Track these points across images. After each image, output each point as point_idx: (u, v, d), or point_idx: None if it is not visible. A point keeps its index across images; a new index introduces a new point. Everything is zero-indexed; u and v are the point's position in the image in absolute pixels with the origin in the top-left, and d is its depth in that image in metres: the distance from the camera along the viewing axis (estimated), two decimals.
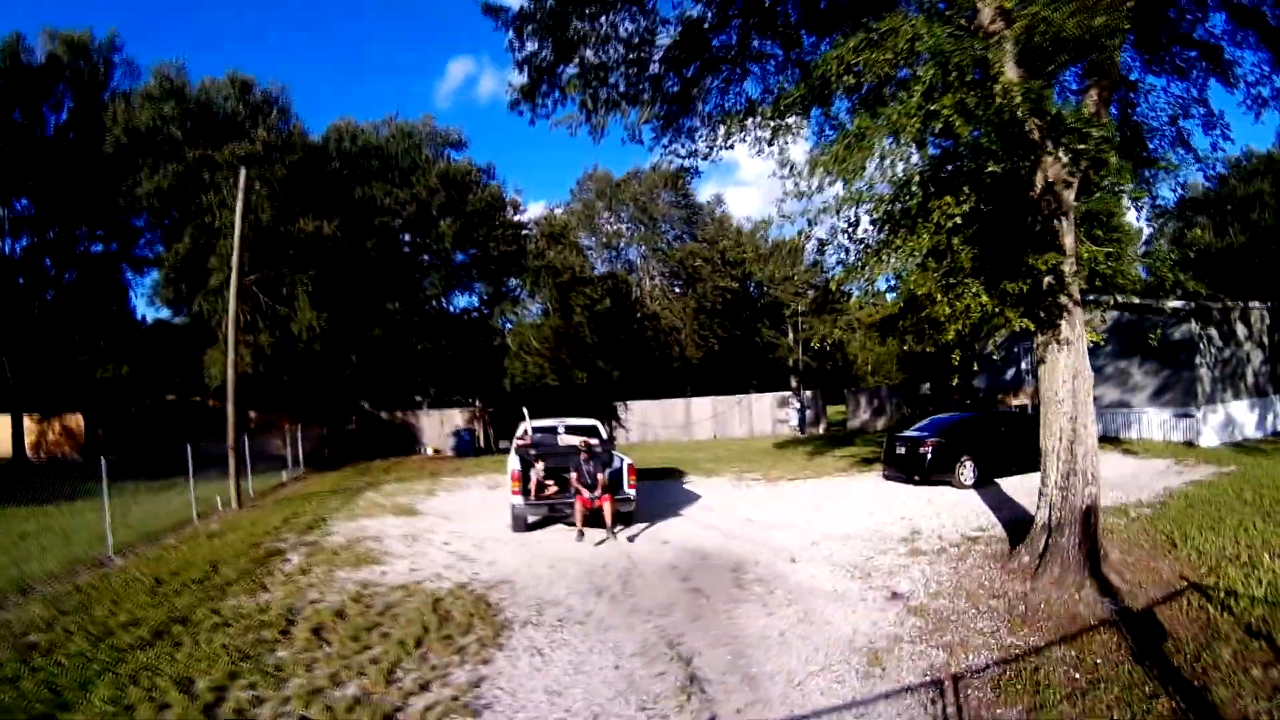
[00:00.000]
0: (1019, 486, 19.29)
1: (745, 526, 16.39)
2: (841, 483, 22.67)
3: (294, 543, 16.10)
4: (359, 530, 17.54)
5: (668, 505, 19.45)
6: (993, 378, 34.45)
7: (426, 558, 14.55)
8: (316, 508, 21.05)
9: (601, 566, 13.39)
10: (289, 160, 33.06)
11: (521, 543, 15.74)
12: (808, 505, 18.87)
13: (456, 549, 15.27)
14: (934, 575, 11.95)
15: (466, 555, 14.66)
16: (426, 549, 15.37)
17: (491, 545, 15.53)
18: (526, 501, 16.23)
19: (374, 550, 15.21)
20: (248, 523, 18.61)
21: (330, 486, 26.12)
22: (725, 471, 26.55)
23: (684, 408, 44.85)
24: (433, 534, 16.91)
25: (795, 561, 13.13)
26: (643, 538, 15.72)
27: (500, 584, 12.42)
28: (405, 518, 19.30)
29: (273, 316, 32.34)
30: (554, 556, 14.29)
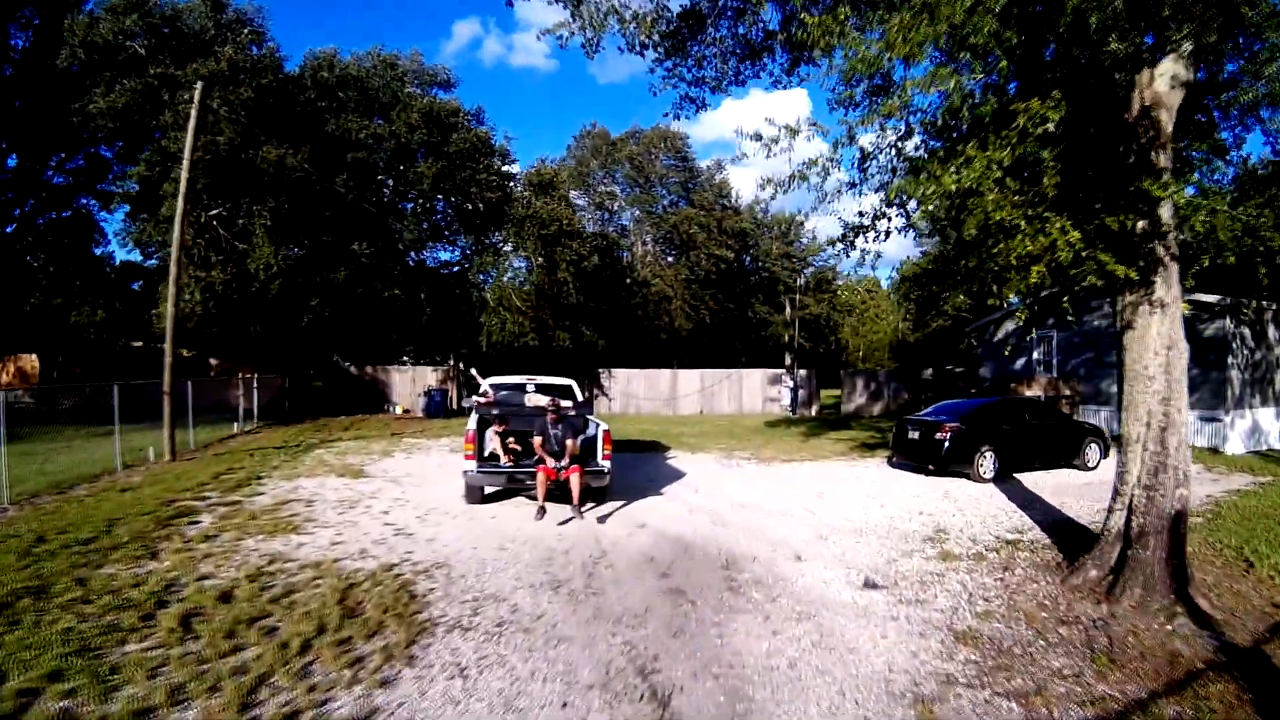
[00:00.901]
0: (1043, 483, 17.68)
1: (737, 512, 13.97)
2: (843, 468, 20.29)
3: (214, 502, 14.17)
4: (292, 491, 15.55)
5: (647, 482, 17.17)
6: (1000, 366, 32.25)
7: (357, 529, 12.35)
8: (256, 463, 19.28)
9: (563, 552, 10.98)
10: (258, 84, 30.48)
11: (472, 517, 13.43)
12: (808, 491, 16.46)
13: (395, 520, 13.09)
14: (977, 588, 9.53)
15: (405, 529, 12.45)
16: (360, 518, 13.20)
17: (437, 518, 13.31)
18: (481, 468, 13.78)
19: (299, 516, 13.15)
20: (173, 476, 16.79)
21: (281, 441, 24.33)
22: (712, 448, 24.18)
23: (670, 379, 42.35)
24: (374, 500, 14.82)
25: (801, 560, 10.68)
26: (616, 519, 13.31)
27: (435, 568, 10.08)
28: (349, 479, 17.24)
29: (230, 252, 30.11)
30: (508, 536, 11.95)
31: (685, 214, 55.20)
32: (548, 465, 13.11)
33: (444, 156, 35.73)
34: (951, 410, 19.57)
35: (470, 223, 39.04)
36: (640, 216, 56.32)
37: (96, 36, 30.14)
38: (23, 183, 37.92)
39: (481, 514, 13.58)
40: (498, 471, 13.78)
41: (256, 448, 22.48)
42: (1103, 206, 8.67)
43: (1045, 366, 30.49)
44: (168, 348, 20.78)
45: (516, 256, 39.44)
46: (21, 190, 38.10)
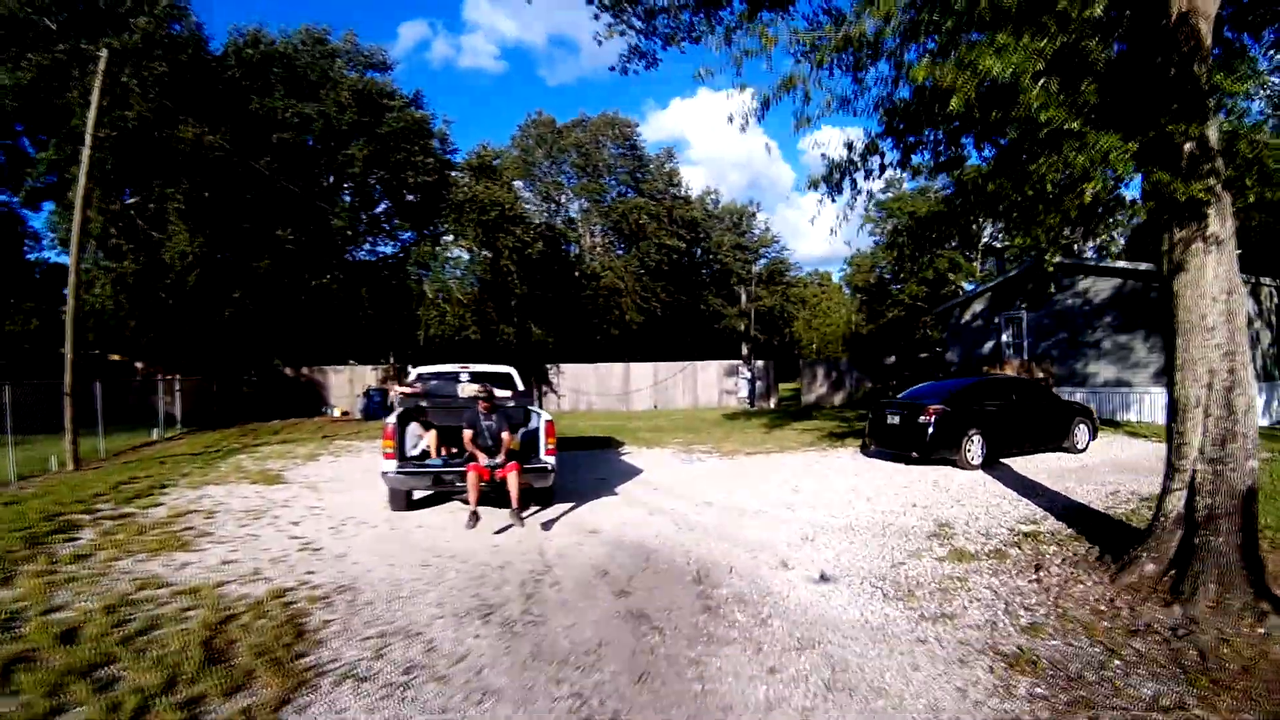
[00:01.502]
0: (1035, 468, 16.32)
1: (704, 512, 12.12)
2: (815, 459, 18.54)
3: (104, 515, 12.32)
4: (195, 501, 13.62)
5: (599, 481, 15.30)
6: (967, 350, 30.93)
7: (256, 544, 10.39)
8: (165, 471, 17.24)
9: (498, 568, 9.04)
10: (175, 59, 28.32)
11: (395, 527, 11.49)
12: (782, 485, 14.68)
13: (304, 533, 11.10)
14: (1011, 594, 7.76)
15: (313, 543, 10.47)
16: (265, 531, 11.27)
17: (353, 529, 11.36)
18: (402, 468, 11.72)
19: (193, 530, 11.20)
20: (69, 487, 14.92)
21: (201, 447, 22.26)
22: (669, 442, 22.36)
23: (622, 374, 40.56)
24: (286, 509, 12.92)
25: (789, 567, 8.83)
26: (563, 525, 11.40)
27: (337, 593, 8.11)
28: (264, 486, 15.32)
29: (145, 242, 28.07)
30: (433, 549, 10.01)
31: (634, 203, 53.24)
32: (479, 463, 11.14)
33: (376, 139, 33.67)
34: (933, 392, 17.91)
35: (407, 210, 36.91)
36: (588, 207, 54.22)
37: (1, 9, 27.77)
38: None
39: (406, 524, 11.66)
40: (422, 471, 11.70)
41: (172, 454, 20.44)
42: (1159, 115, 6.97)
43: (1015, 349, 29.14)
44: (68, 343, 18.83)
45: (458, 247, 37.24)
46: None
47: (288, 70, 33.08)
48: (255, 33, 33.23)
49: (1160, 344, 24.41)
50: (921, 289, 60.86)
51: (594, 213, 53.73)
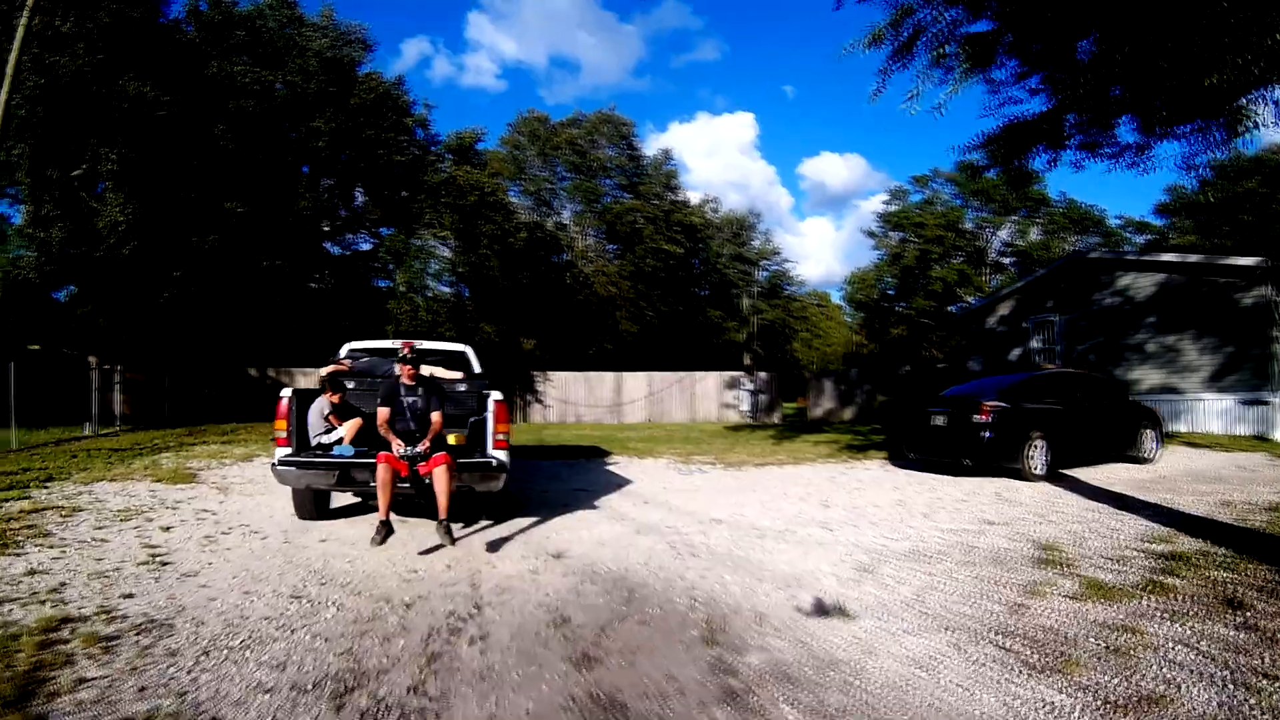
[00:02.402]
0: (1105, 478, 13.49)
1: (711, 531, 9.10)
2: (838, 471, 15.49)
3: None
4: (72, 497, 11.22)
5: (576, 492, 12.35)
6: (991, 357, 28.01)
7: (94, 551, 7.91)
8: (64, 465, 14.83)
9: (404, 607, 6.10)
10: (122, 11, 25.53)
11: (291, 539, 8.74)
12: (806, 499, 11.67)
13: (169, 540, 8.52)
14: (1220, 650, 4.88)
15: (169, 554, 7.86)
16: (121, 535, 8.70)
17: (234, 540, 8.64)
18: (294, 456, 8.68)
19: (34, 529, 8.85)
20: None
21: (130, 444, 19.49)
22: (665, 453, 19.20)
23: (614, 384, 37.47)
24: (170, 511, 10.34)
25: (851, 615, 5.76)
26: (518, 545, 8.37)
27: (139, 633, 5.44)
28: (167, 485, 12.65)
29: (79, 209, 25.41)
30: (322, 574, 7.17)
31: (631, 205, 50.02)
32: (392, 453, 8.06)
33: (346, 111, 30.83)
34: (986, 388, 14.87)
35: (379, 195, 34.06)
36: (582, 209, 51.03)
37: None
38: None
39: (307, 536, 8.79)
40: (320, 462, 8.58)
41: (92, 449, 17.92)
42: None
43: (1046, 355, 26.13)
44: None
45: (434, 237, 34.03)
46: None
47: (251, 35, 30.51)
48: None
49: (1214, 344, 21.74)
50: (928, 303, 58.23)
51: (588, 214, 50.55)
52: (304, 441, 9.29)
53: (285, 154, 30.71)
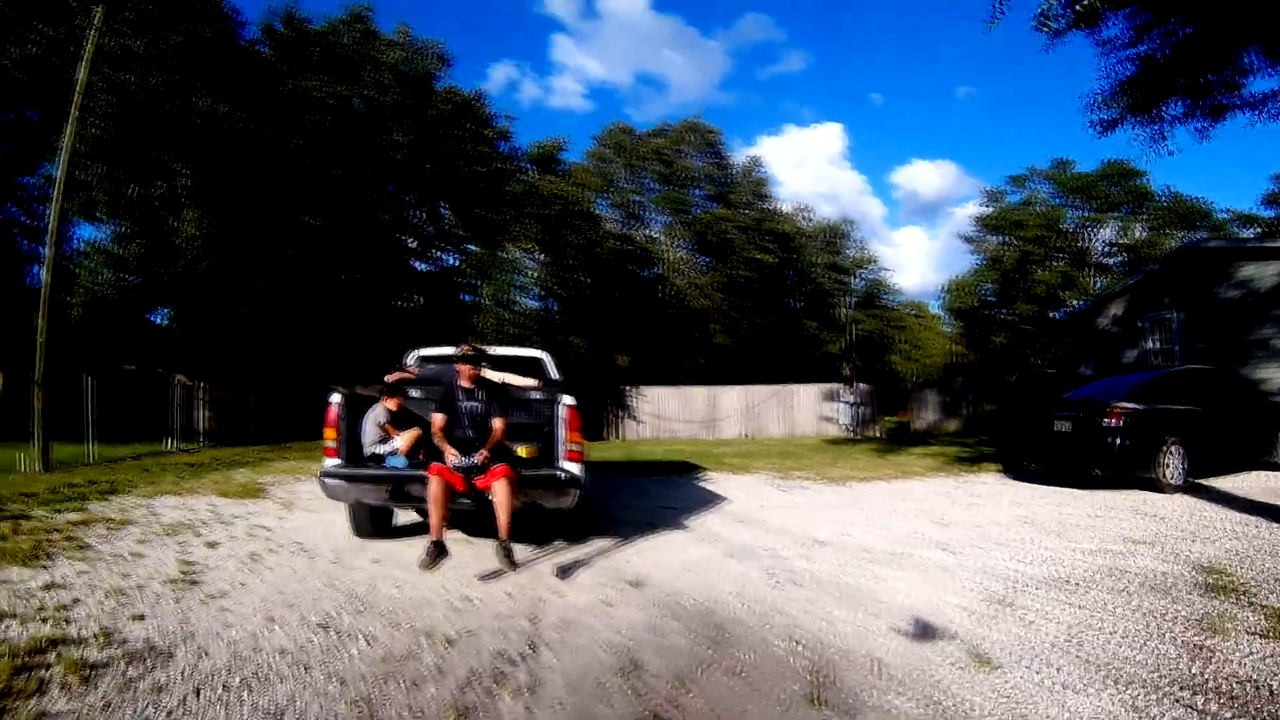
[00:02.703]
0: (1249, 487, 12.27)
1: (814, 555, 7.99)
2: (951, 485, 14.20)
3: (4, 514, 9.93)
4: (127, 510, 10.85)
5: (665, 511, 11.28)
6: (1104, 360, 26.14)
7: (127, 566, 7.38)
8: (136, 479, 14.66)
9: (442, 647, 5.13)
10: (195, 31, 25.69)
11: (340, 559, 7.92)
12: (919, 516, 10.49)
13: (210, 557, 7.89)
14: None
15: (203, 572, 7.21)
16: (162, 550, 8.15)
17: (280, 559, 7.90)
18: (342, 469, 7.87)
19: (75, 541, 8.44)
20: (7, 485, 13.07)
21: (208, 459, 19.54)
22: (762, 468, 18.01)
23: (707, 398, 36.52)
24: (224, 526, 9.76)
25: (993, 665, 4.62)
26: (592, 571, 7.38)
27: (133, 662, 4.77)
28: (231, 500, 12.19)
29: (157, 226, 25.68)
30: (363, 600, 6.33)
31: (721, 214, 48.54)
32: (445, 463, 7.15)
33: (424, 122, 30.36)
34: (1114, 388, 13.50)
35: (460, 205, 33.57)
36: (671, 221, 49.90)
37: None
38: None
39: (359, 557, 7.97)
40: (371, 475, 7.76)
41: (168, 464, 17.88)
42: None
43: (1164, 356, 24.29)
44: (41, 323, 17.49)
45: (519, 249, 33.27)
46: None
47: (326, 51, 30.38)
48: (290, 11, 30.77)
49: None
50: (1030, 308, 55.80)
51: (677, 226, 49.38)
52: (356, 452, 8.46)
53: (364, 168, 30.41)
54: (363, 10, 31.49)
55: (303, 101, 28.20)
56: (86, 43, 17.92)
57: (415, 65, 30.86)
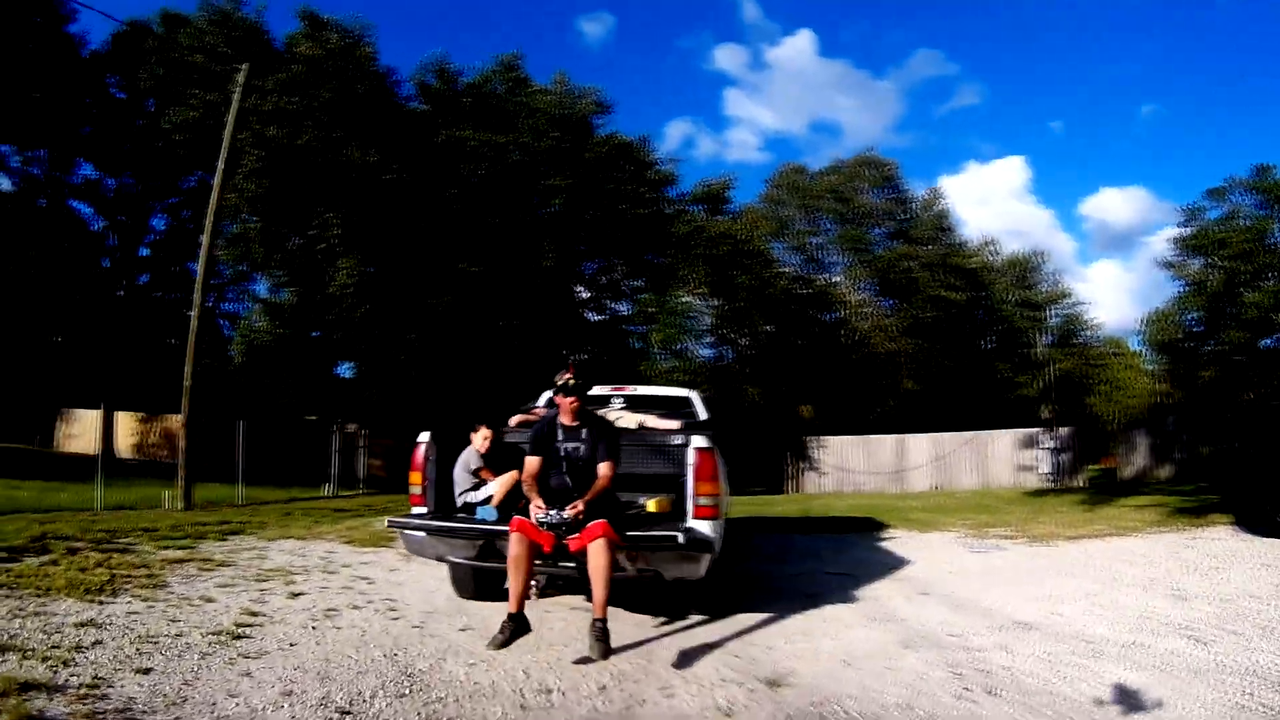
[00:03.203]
0: None
1: (1016, 643, 6.23)
2: (1179, 543, 12.07)
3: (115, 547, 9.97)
4: (233, 553, 10.44)
5: (832, 578, 9.63)
6: None
7: (193, 610, 6.87)
8: (267, 520, 14.58)
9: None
10: (346, 87, 26.35)
11: (425, 624, 6.82)
12: (1149, 587, 8.54)
13: (284, 609, 7.19)
14: None
15: (267, 624, 6.58)
16: (234, 597, 7.56)
17: (356, 619, 6.96)
18: (415, 519, 6.92)
19: (155, 581, 7.97)
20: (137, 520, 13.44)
21: (357, 505, 19.34)
22: (953, 525, 15.99)
23: (894, 448, 34.20)
24: (323, 576, 9.03)
25: None
26: (726, 655, 5.96)
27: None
28: (353, 548, 11.48)
29: (306, 275, 26.47)
30: (415, 679, 5.26)
31: (902, 251, 45.72)
32: (530, 518, 5.73)
33: (581, 165, 29.56)
34: None
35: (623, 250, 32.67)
36: (851, 262, 47.53)
37: (180, 52, 27.78)
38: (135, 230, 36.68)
39: (449, 622, 6.90)
40: (448, 529, 6.57)
41: (314, 509, 17.80)
42: None
43: None
44: (187, 368, 18.29)
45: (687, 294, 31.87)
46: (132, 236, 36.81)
47: (478, 101, 30.33)
48: (441, 64, 30.98)
49: None
50: (1241, 334, 50.33)
51: (857, 267, 47.03)
52: (446, 501, 7.37)
53: (521, 214, 30.04)
54: (513, 59, 31.39)
55: (457, 151, 28.09)
56: (232, 102, 18.43)
57: (572, 110, 30.35)
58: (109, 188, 35.90)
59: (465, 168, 28.14)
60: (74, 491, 16.40)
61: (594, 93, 31.94)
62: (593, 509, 5.71)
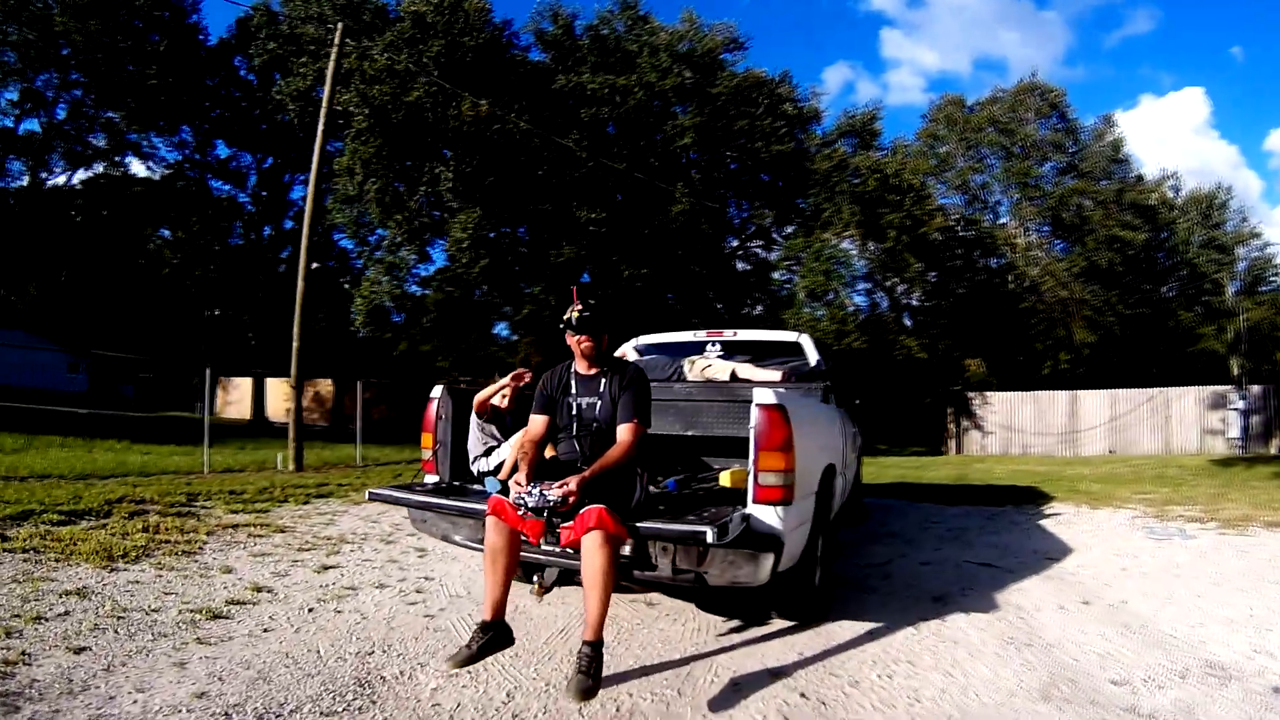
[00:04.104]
0: None
1: (1203, 705, 4.38)
2: None
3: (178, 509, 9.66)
4: (300, 518, 10.03)
5: (970, 566, 8.14)
6: None
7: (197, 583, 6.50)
8: (376, 481, 14.30)
9: None
10: (457, 40, 25.53)
11: (451, 608, 6.06)
12: None
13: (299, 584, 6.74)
14: None
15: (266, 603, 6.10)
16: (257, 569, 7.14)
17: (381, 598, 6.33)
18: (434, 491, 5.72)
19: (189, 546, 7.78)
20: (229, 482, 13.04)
21: None
22: (1127, 499, 13.73)
23: (1067, 405, 31.54)
24: (382, 546, 8.49)
25: None
26: (785, 692, 4.40)
27: None
28: None
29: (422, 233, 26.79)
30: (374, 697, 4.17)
31: (1074, 187, 41.95)
32: (509, 499, 4.28)
33: (708, 102, 27.92)
34: None
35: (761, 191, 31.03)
36: (1017, 200, 44.09)
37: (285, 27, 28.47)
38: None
39: (465, 614, 5.85)
40: (442, 508, 5.36)
41: None
42: None
43: None
44: (296, 329, 18.03)
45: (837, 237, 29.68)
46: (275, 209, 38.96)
47: (596, 42, 29.32)
48: (555, 8, 29.88)
49: None
50: None
51: (1024, 205, 43.55)
52: (462, 466, 6.28)
53: (646, 156, 28.62)
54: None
55: (576, 96, 27.16)
56: (330, 61, 18.39)
57: (699, 44, 28.68)
58: (248, 165, 38.72)
59: (585, 112, 27.13)
60: (195, 455, 16.31)
61: (725, 28, 30.08)
62: (593, 488, 4.22)
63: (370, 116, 24.19)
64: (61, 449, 17.56)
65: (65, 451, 17.01)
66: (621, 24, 29.66)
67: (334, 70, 18.21)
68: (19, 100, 32.61)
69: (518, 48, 29.16)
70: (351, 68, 23.92)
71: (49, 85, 32.78)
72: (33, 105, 32.98)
